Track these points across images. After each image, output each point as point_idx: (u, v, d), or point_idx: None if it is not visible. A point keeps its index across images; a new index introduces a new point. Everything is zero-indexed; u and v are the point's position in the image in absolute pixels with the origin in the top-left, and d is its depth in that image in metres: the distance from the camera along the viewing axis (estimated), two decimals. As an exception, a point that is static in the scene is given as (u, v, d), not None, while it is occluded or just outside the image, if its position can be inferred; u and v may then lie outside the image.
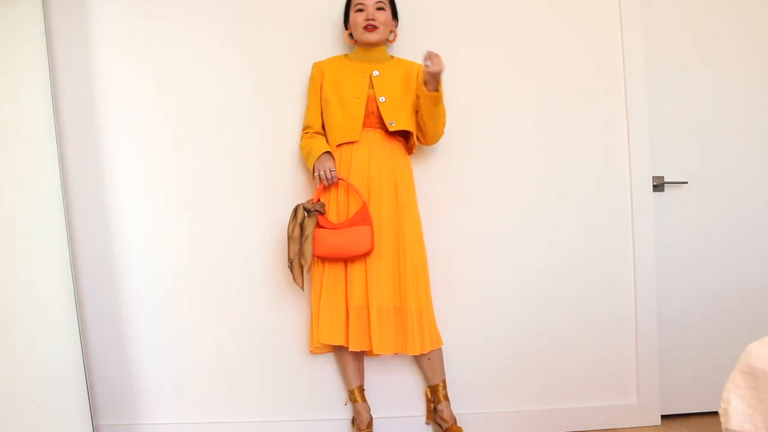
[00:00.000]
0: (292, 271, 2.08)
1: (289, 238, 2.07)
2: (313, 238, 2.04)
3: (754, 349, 1.27)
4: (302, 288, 2.10)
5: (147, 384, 2.30)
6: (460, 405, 2.31)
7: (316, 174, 2.08)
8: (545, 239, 2.38)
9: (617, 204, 2.41)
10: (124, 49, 2.31)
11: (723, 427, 1.29)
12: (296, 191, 2.29)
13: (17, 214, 2.04)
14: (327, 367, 2.31)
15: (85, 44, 2.29)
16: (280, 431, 2.29)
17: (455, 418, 2.20)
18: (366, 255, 2.04)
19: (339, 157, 2.12)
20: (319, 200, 2.10)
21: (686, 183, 2.49)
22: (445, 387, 2.22)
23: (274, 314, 2.30)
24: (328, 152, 2.10)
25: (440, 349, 2.20)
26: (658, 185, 2.47)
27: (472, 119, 2.36)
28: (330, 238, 2.04)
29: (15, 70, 2.10)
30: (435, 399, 2.22)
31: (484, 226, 2.36)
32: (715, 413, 2.37)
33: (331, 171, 2.06)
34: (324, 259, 2.10)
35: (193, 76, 2.31)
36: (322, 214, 2.07)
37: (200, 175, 2.31)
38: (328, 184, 2.08)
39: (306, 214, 2.07)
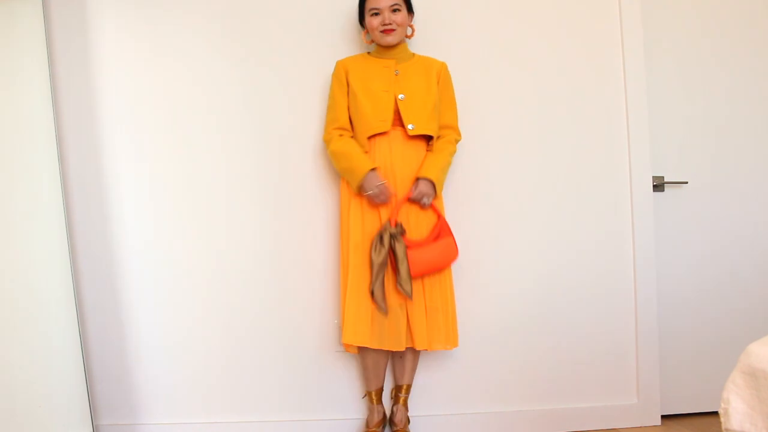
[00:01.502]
0: (374, 299, 2.01)
1: (378, 265, 1.99)
2: (408, 259, 2.00)
3: (754, 349, 1.28)
4: (386, 313, 2.02)
5: (147, 384, 2.30)
6: (460, 405, 2.31)
7: (369, 193, 2.04)
8: (545, 239, 2.38)
9: (617, 204, 2.41)
10: (125, 49, 2.30)
11: (723, 427, 1.29)
12: (299, 190, 2.30)
13: (17, 214, 2.05)
14: (328, 367, 2.31)
15: (85, 44, 2.29)
16: (280, 431, 2.29)
17: (406, 422, 2.20)
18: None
19: (369, 150, 2.13)
20: (396, 221, 2.05)
21: (686, 183, 2.49)
22: (408, 391, 2.22)
23: (274, 314, 2.30)
24: (373, 169, 2.05)
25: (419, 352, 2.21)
26: (658, 185, 2.47)
27: (472, 120, 2.35)
28: (423, 256, 2.02)
29: (15, 70, 2.10)
30: (395, 399, 2.23)
31: (484, 227, 2.36)
32: (715, 413, 2.37)
33: (385, 188, 2.04)
34: (420, 277, 2.07)
35: (194, 75, 2.31)
36: (404, 234, 2.04)
37: (201, 175, 2.31)
38: (382, 203, 2.06)
39: (393, 239, 2.01)
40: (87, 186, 2.29)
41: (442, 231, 2.09)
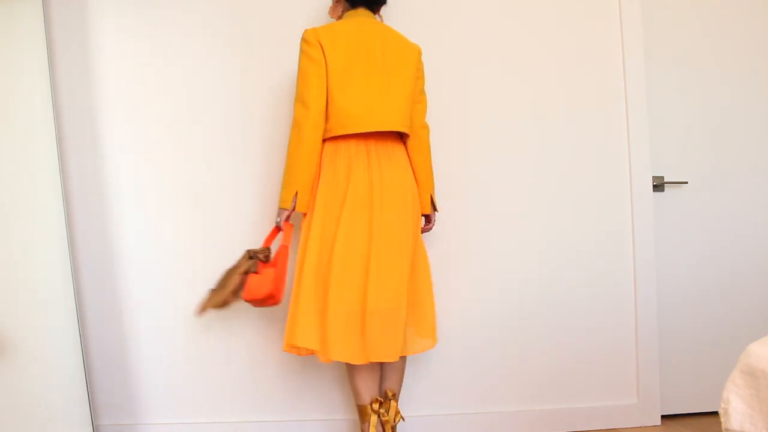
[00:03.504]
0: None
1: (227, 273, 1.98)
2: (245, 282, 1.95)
3: (754, 349, 1.28)
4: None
5: (147, 384, 2.30)
6: (460, 405, 2.31)
7: None
8: (545, 239, 2.38)
9: (617, 204, 2.41)
10: (125, 49, 2.30)
11: (723, 427, 1.29)
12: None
13: (17, 214, 2.05)
14: (327, 367, 2.31)
15: (85, 44, 2.29)
16: (279, 431, 2.29)
17: None
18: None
19: None
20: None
21: (686, 183, 2.49)
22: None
23: (274, 314, 2.30)
24: None
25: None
26: (658, 185, 2.47)
27: (471, 119, 2.36)
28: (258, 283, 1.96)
29: (15, 70, 2.10)
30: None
31: (485, 227, 2.36)
32: (715, 413, 2.38)
33: None
34: None
35: (193, 75, 2.31)
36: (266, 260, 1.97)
37: (201, 175, 2.31)
38: None
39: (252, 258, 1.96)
40: (87, 186, 2.29)
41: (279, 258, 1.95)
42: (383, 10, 2.09)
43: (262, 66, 2.31)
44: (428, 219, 2.14)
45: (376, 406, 1.90)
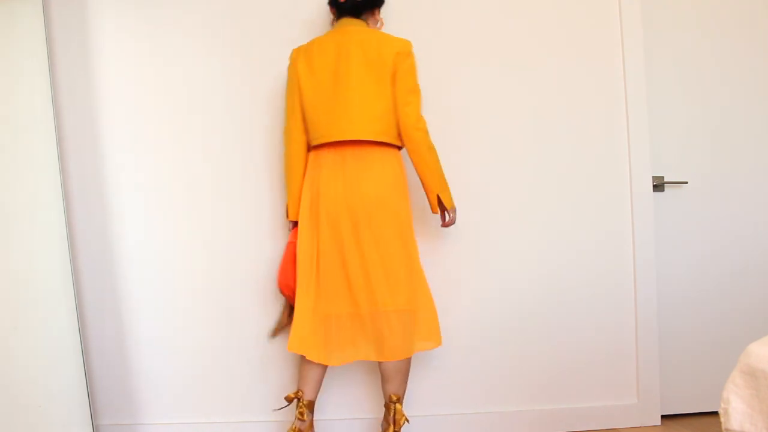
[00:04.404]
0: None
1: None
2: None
3: (754, 349, 1.28)
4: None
5: (147, 384, 2.30)
6: (460, 405, 2.31)
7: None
8: (545, 239, 2.38)
9: (617, 204, 2.41)
10: (125, 49, 2.31)
11: (723, 427, 1.29)
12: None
13: (17, 214, 2.04)
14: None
15: (85, 44, 2.29)
16: (280, 431, 2.29)
17: None
18: None
19: None
20: None
21: (686, 183, 2.49)
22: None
23: (274, 314, 2.30)
24: None
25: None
26: (658, 185, 2.47)
27: (471, 120, 2.36)
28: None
29: (15, 70, 2.10)
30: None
31: (484, 228, 2.36)
32: (715, 413, 2.38)
33: None
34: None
35: (193, 74, 2.31)
36: None
37: (201, 175, 2.31)
38: None
39: None
40: (87, 185, 2.29)
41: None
42: (384, 11, 2.08)
43: (262, 66, 2.31)
44: (442, 216, 2.09)
45: (292, 395, 2.00)
